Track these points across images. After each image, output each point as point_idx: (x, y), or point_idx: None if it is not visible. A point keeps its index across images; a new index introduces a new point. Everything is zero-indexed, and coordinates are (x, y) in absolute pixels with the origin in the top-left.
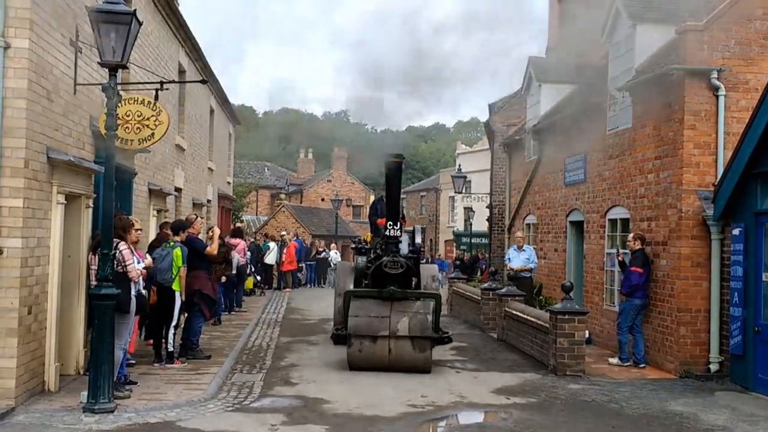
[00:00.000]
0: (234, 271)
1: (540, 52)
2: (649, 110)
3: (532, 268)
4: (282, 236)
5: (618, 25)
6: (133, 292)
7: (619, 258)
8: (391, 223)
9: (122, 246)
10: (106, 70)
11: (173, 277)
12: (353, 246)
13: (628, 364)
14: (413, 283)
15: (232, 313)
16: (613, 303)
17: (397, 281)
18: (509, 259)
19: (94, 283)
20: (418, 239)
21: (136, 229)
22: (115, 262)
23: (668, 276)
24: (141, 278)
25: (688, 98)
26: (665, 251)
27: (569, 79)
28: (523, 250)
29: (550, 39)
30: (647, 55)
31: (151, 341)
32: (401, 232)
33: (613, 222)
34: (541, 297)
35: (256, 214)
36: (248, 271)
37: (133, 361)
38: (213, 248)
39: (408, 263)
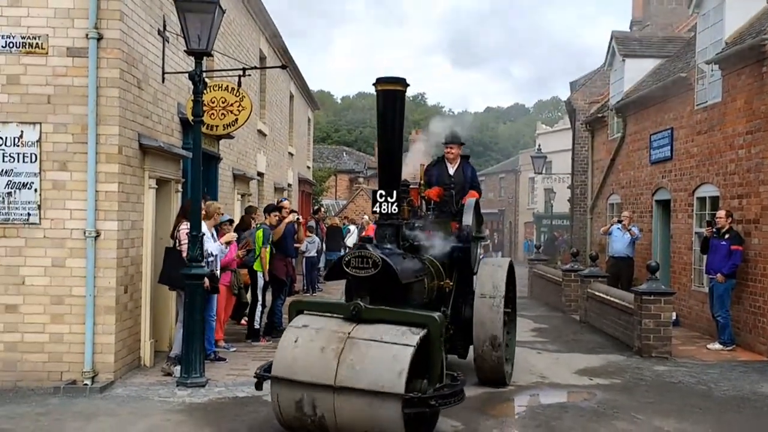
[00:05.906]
0: (313, 254)
1: (624, 26)
2: (739, 83)
3: (636, 233)
4: (363, 220)
5: None
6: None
7: (709, 233)
8: (383, 193)
9: (183, 226)
10: (192, 58)
11: (254, 258)
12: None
13: (731, 348)
14: (445, 290)
15: (315, 294)
16: (702, 284)
17: (370, 290)
18: (611, 233)
19: None
20: (467, 219)
21: (219, 214)
22: (177, 241)
23: (760, 255)
24: (215, 260)
25: None
26: (757, 229)
27: (655, 53)
28: (629, 229)
29: (635, 12)
30: (737, 26)
31: (244, 321)
32: (398, 207)
33: (701, 200)
34: None
35: (335, 198)
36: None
37: (234, 348)
38: (277, 231)
39: (387, 260)
